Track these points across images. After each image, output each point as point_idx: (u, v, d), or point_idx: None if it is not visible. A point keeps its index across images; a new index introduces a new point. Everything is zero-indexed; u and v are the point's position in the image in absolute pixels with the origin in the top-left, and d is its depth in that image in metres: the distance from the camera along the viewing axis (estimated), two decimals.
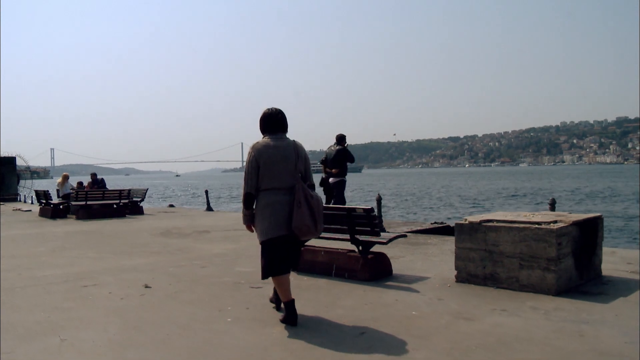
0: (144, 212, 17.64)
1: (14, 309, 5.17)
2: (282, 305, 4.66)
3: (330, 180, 10.48)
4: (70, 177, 17.94)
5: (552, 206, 9.14)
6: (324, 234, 6.72)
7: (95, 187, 18.19)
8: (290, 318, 4.51)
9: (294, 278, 6.38)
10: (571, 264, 5.72)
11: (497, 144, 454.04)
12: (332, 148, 10.67)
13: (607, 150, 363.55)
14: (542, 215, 6.25)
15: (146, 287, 6.02)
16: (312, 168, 4.83)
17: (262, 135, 4.57)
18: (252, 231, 4.62)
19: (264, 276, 4.55)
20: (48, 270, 7.22)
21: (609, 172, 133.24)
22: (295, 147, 4.48)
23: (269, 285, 5.97)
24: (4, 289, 6.08)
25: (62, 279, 6.59)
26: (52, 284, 6.30)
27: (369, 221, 6.19)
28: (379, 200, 11.72)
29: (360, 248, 6.46)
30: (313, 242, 7.16)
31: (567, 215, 6.28)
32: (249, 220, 4.56)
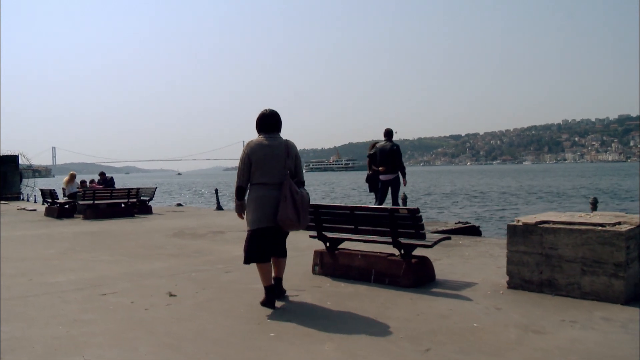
0: (153, 211, 17.14)
1: (29, 321, 4.65)
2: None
3: (383, 177, 10.01)
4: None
5: (594, 205, 8.61)
6: (361, 237, 6.23)
7: (102, 186, 17.66)
8: (269, 302, 4.99)
9: (330, 284, 5.90)
10: (638, 269, 5.20)
11: (498, 142, 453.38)
12: (383, 144, 10.23)
13: (609, 148, 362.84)
14: (601, 216, 5.72)
15: (171, 295, 5.50)
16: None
17: (257, 134, 4.97)
18: (243, 219, 5.05)
19: (246, 261, 5.01)
20: (61, 275, 6.70)
21: (615, 170, 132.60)
22: (286, 146, 4.85)
23: (307, 293, 5.48)
24: (16, 297, 5.56)
25: (78, 285, 6.07)
26: (67, 291, 5.78)
27: (414, 222, 5.67)
28: (403, 199, 11.19)
29: (402, 251, 5.95)
30: (348, 245, 6.67)
31: (628, 217, 5.75)
32: (240, 210, 5.03)
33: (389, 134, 10.42)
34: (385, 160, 9.96)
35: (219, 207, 18.78)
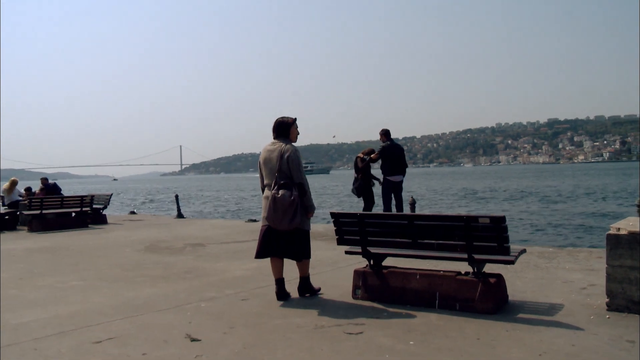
0: (108, 221, 15.29)
1: None
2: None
3: (395, 179, 9.12)
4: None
5: None
6: (420, 252, 5.03)
7: (43, 193, 15.56)
8: (277, 294, 5.34)
9: (387, 313, 4.69)
10: None
11: (435, 145, 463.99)
12: (390, 144, 9.61)
13: (539, 150, 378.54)
14: None
15: (192, 339, 4.10)
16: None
17: None
18: None
19: (256, 256, 5.36)
20: (27, 312, 5.10)
21: (555, 171, 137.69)
22: (280, 151, 5.14)
23: (369, 328, 4.22)
24: None
25: (55, 327, 4.54)
26: (43, 338, 4.25)
27: (498, 234, 4.53)
28: (412, 204, 10.09)
29: (475, 269, 4.80)
30: (399, 262, 5.48)
31: None
32: None
33: (389, 134, 9.57)
34: (400, 161, 9.03)
35: (180, 215, 17.11)
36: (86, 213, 14.29)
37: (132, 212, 20.18)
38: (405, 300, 5.01)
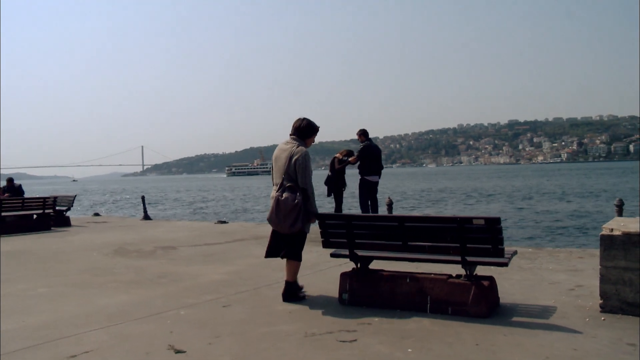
0: (71, 223, 14.69)
1: None
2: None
3: (372, 179, 8.97)
4: None
5: (620, 208, 7.82)
6: (411, 255, 4.87)
7: (6, 195, 14.85)
8: (283, 294, 5.26)
9: (378, 319, 4.50)
10: None
11: (398, 145, 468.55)
12: (369, 144, 9.55)
13: (500, 151, 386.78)
14: None
15: (176, 351, 3.83)
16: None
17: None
18: None
19: (265, 255, 5.33)
20: None
21: (516, 171, 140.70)
22: (290, 152, 5.06)
23: (362, 335, 4.03)
24: None
25: (24, 339, 4.19)
26: (12, 354, 3.90)
27: (492, 236, 4.41)
28: (389, 204, 9.95)
29: (467, 272, 4.67)
30: (386, 265, 5.32)
31: None
32: None
33: (367, 133, 9.48)
34: (377, 161, 8.91)
35: (147, 217, 16.60)
36: (48, 215, 13.68)
37: (96, 214, 19.51)
38: (396, 304, 4.85)
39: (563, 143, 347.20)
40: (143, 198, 17.38)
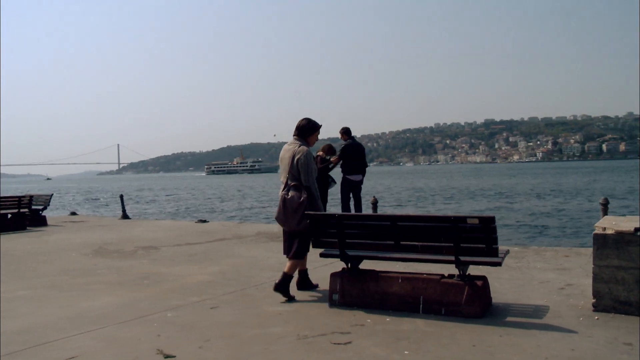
0: (48, 222, 14.34)
1: None
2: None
3: (355, 178, 8.91)
4: None
5: (605, 207, 7.88)
6: (404, 255, 4.80)
7: None
8: (298, 283, 5.59)
9: (371, 320, 4.44)
10: None
11: (375, 144, 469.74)
12: (352, 142, 9.42)
13: (476, 150, 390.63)
14: None
15: (166, 356, 3.69)
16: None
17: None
18: None
19: (283, 252, 5.49)
20: None
21: (492, 170, 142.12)
22: (293, 152, 5.26)
23: (357, 337, 3.95)
24: None
25: (6, 346, 4.00)
26: None
27: (487, 235, 4.36)
28: (374, 203, 9.89)
29: (460, 272, 4.62)
30: (377, 265, 5.24)
31: None
32: None
33: (350, 132, 9.39)
34: (360, 160, 8.85)
35: (125, 216, 16.30)
36: (24, 214, 13.33)
37: (73, 213, 19.08)
38: (388, 305, 4.77)
39: (538, 142, 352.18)
40: (121, 197, 17.04)
